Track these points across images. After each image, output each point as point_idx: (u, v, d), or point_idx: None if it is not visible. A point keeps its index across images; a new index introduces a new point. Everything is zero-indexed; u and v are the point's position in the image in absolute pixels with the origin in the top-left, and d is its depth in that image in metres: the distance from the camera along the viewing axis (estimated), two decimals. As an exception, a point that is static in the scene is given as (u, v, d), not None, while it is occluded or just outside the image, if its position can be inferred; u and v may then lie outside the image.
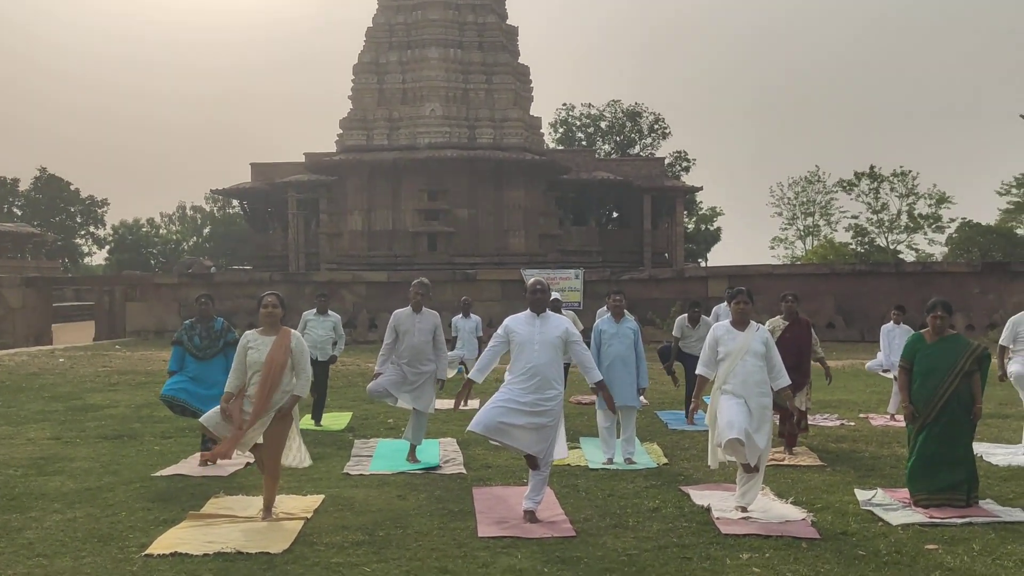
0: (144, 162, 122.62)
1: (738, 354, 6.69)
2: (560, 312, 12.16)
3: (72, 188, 72.23)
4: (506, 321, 6.84)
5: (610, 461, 8.72)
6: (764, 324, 7.76)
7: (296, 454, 6.85)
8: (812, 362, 9.82)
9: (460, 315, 14.44)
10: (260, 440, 6.66)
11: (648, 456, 9.07)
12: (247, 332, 6.84)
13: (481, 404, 7.00)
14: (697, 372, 7.11)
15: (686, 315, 11.56)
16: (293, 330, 6.88)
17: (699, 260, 59.65)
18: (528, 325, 6.65)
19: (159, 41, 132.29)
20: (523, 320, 6.70)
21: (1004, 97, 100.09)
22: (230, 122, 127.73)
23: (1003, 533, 6.14)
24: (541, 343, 6.56)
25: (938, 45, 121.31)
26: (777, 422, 9.42)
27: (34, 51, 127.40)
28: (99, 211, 73.96)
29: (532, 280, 6.84)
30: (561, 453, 6.90)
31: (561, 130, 62.99)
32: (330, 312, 11.64)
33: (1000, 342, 9.50)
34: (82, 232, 74.62)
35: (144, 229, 73.79)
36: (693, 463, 8.70)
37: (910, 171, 61.56)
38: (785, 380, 6.88)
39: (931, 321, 7.03)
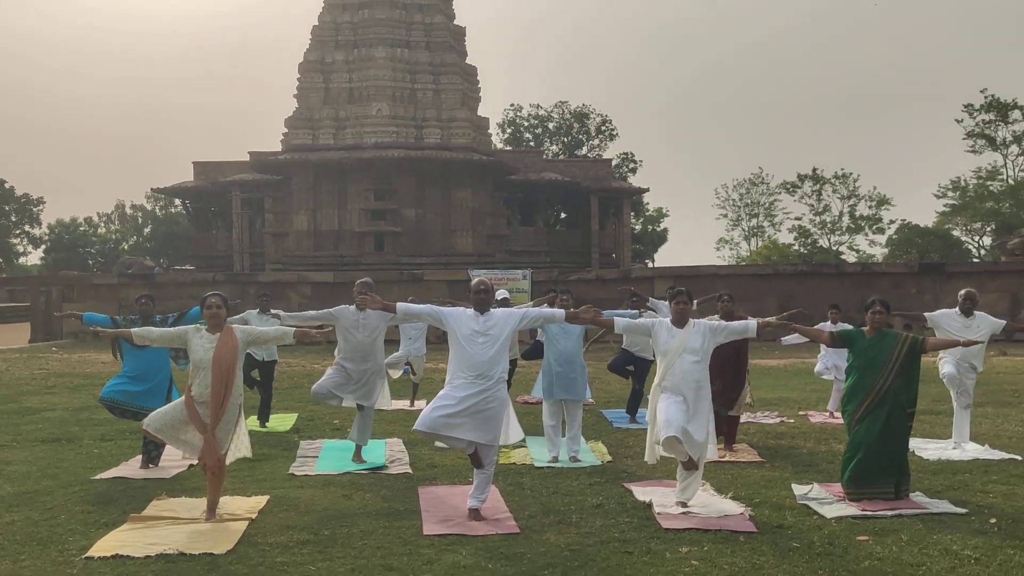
0: (82, 160, 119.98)
1: (676, 352, 6.83)
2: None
3: (6, 186, 70.42)
4: (446, 310, 6.90)
5: (555, 459, 8.82)
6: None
7: (240, 445, 6.81)
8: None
9: None
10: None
11: (593, 454, 9.19)
12: (194, 325, 6.83)
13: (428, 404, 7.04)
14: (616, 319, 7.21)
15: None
16: (236, 325, 6.88)
17: (646, 261, 60.27)
18: (472, 321, 6.70)
19: (98, 32, 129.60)
20: (468, 316, 6.75)
21: (944, 101, 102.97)
22: (172, 119, 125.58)
23: (930, 524, 6.37)
24: (486, 338, 6.62)
25: (879, 48, 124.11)
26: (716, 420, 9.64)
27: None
28: (35, 210, 72.26)
29: (476, 280, 6.89)
30: (517, 435, 6.90)
31: (509, 131, 63.25)
32: (273, 311, 11.56)
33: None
34: (17, 231, 72.81)
35: (82, 228, 72.31)
36: (637, 460, 8.83)
37: (851, 173, 63.04)
38: (754, 324, 7.11)
39: (870, 317, 7.26)
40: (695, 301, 12.55)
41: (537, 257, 39.56)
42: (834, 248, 62.69)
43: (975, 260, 51.23)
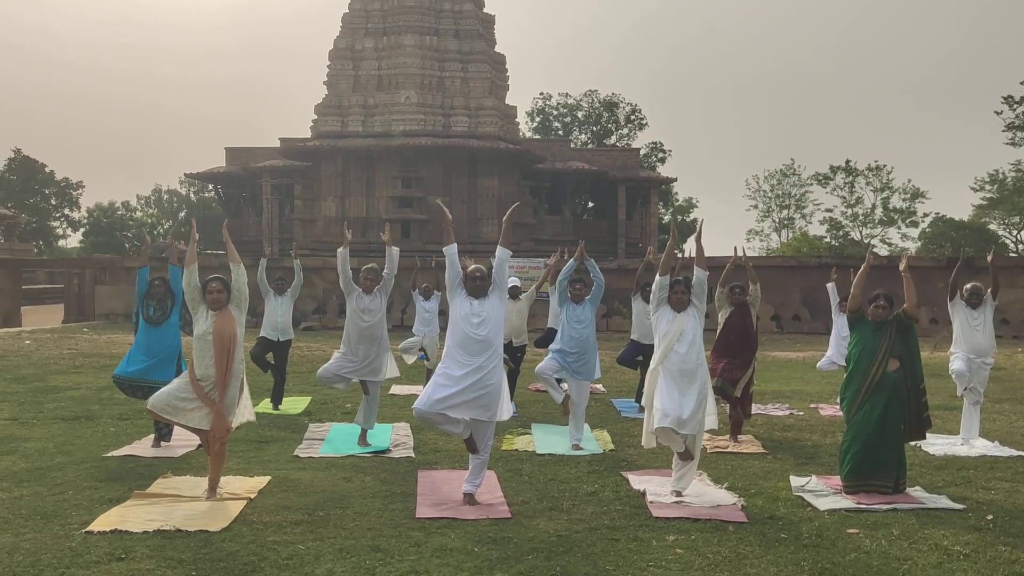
0: (120, 145, 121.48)
1: (674, 336, 6.89)
2: (519, 299, 12.34)
3: (47, 170, 71.44)
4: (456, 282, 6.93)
5: (577, 446, 8.86)
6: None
7: (244, 411, 6.95)
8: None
9: (422, 297, 13.95)
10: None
11: (596, 442, 9.24)
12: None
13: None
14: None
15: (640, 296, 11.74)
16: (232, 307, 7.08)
17: (675, 252, 59.91)
18: (468, 301, 6.79)
19: (135, 23, 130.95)
20: (466, 298, 6.83)
21: (980, 93, 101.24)
22: (206, 105, 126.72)
23: (924, 519, 6.35)
24: (480, 319, 6.71)
25: (915, 41, 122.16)
26: (728, 409, 9.67)
27: (8, 33, 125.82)
28: (74, 193, 73.21)
29: (473, 267, 6.97)
30: (508, 412, 6.96)
31: (538, 119, 63.01)
32: (287, 291, 11.83)
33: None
34: (57, 214, 73.88)
35: (119, 212, 73.23)
36: (639, 450, 8.85)
37: (885, 165, 62.08)
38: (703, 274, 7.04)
39: (872, 311, 7.25)
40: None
41: (563, 246, 39.40)
42: (866, 241, 61.89)
43: (1012, 255, 50.39)
